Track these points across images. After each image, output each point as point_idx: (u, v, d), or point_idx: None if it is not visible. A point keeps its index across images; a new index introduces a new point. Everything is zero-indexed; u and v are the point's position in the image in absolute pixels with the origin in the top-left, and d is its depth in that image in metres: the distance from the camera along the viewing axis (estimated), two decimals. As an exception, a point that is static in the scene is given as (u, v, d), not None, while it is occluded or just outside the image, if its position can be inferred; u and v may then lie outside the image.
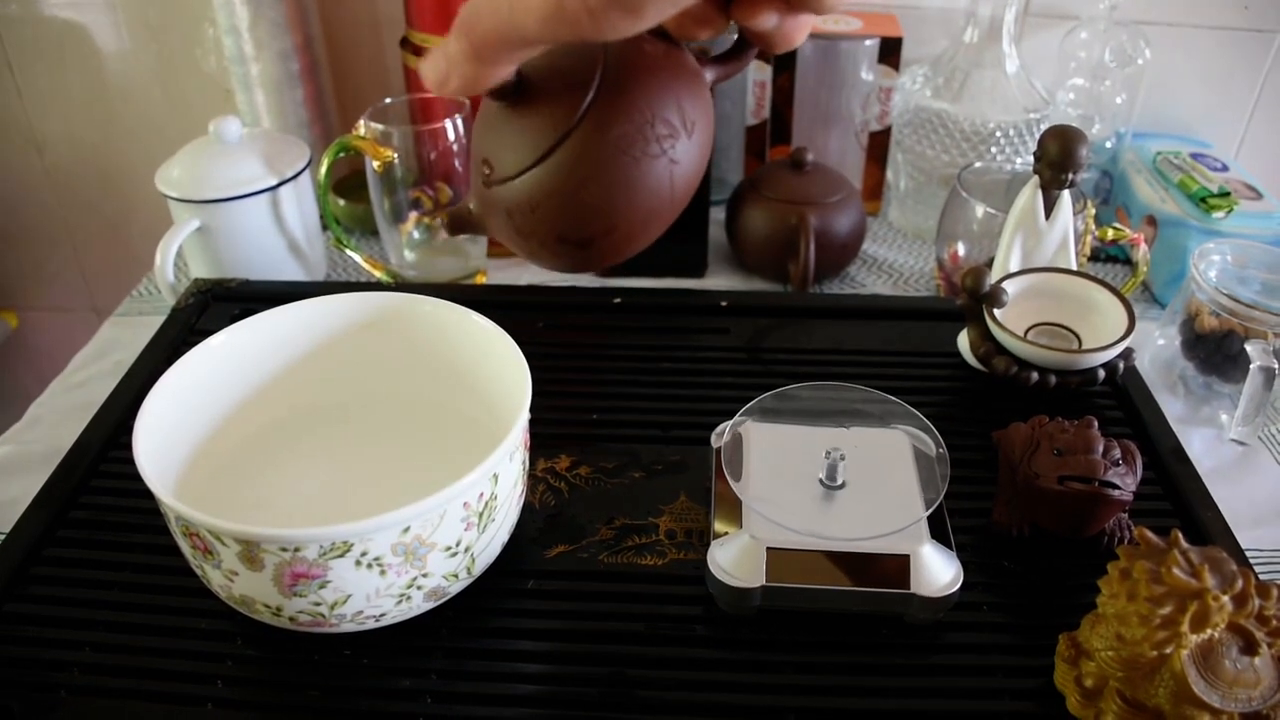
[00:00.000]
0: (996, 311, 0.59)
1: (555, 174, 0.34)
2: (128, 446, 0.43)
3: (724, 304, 0.68)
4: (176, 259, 0.72)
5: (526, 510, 0.49)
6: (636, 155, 0.34)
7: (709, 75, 0.37)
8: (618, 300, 0.68)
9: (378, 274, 0.79)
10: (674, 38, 0.35)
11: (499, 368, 0.49)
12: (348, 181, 0.90)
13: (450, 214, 0.39)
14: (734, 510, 0.47)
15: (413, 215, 0.77)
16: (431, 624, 0.45)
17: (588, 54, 0.34)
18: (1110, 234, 0.69)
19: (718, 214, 0.81)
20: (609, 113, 0.33)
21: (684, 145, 0.35)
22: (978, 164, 0.77)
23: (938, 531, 0.46)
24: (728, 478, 0.48)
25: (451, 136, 0.74)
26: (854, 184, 0.82)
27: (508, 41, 0.29)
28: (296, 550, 0.39)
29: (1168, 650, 0.37)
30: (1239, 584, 0.37)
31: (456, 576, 0.44)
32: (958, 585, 0.44)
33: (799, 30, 0.33)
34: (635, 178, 0.34)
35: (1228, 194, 0.76)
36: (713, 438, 0.53)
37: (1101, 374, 0.58)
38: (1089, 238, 0.67)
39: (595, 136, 0.33)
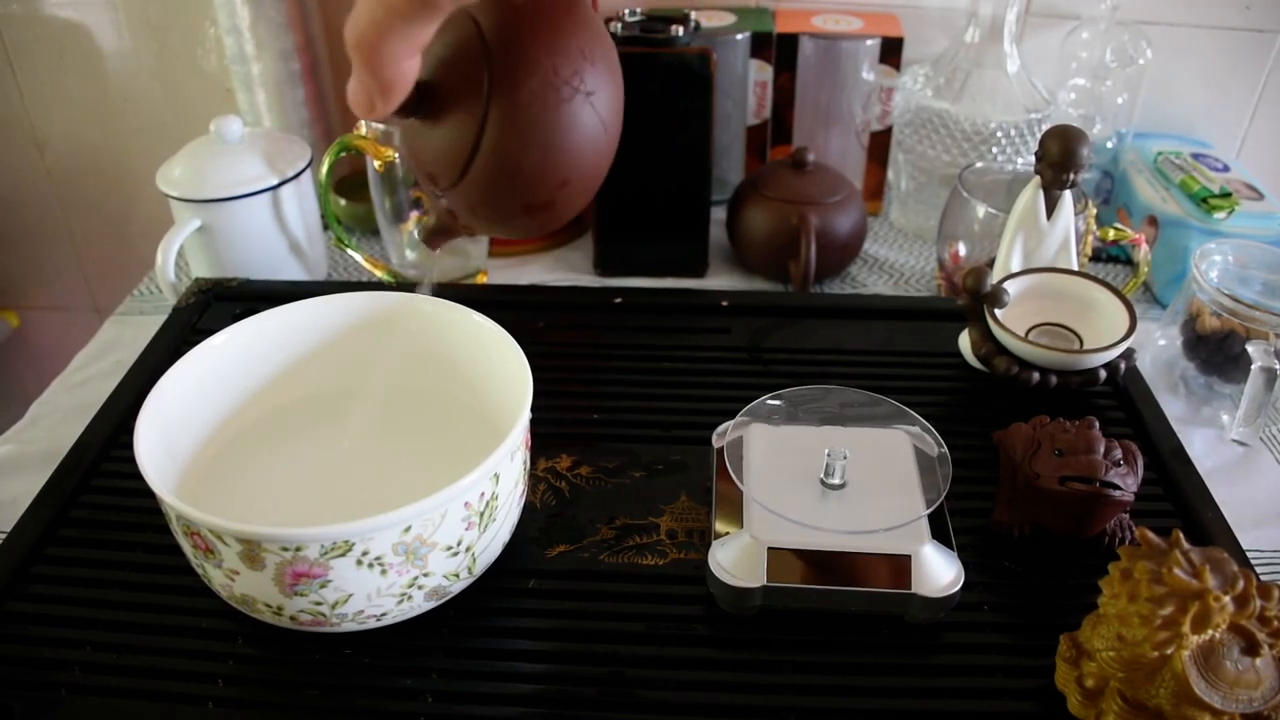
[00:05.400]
0: (997, 311, 0.59)
1: (493, 159, 0.35)
2: (129, 446, 0.43)
3: (725, 304, 0.68)
4: (177, 258, 0.72)
5: (527, 510, 0.49)
6: (553, 104, 0.34)
7: None
8: (618, 300, 0.68)
9: (379, 273, 0.79)
10: None
11: (500, 367, 0.49)
12: (349, 181, 0.90)
13: (425, 231, 0.41)
14: (735, 510, 0.47)
15: (414, 215, 0.77)
16: (432, 623, 0.45)
17: (464, 36, 0.35)
18: (1111, 234, 0.69)
19: (718, 214, 0.81)
20: (510, 80, 0.34)
21: (592, 75, 0.35)
22: (979, 164, 0.77)
23: (938, 531, 0.46)
24: (731, 474, 0.48)
25: (452, 136, 0.74)
26: (855, 184, 0.82)
27: (393, 35, 0.31)
28: (298, 550, 0.39)
29: (1169, 651, 0.37)
30: (1240, 584, 0.37)
31: (457, 576, 0.44)
32: (958, 585, 0.44)
33: None
34: (563, 125, 0.35)
35: (1229, 194, 0.76)
36: (714, 437, 0.53)
37: (1103, 374, 0.58)
38: (1090, 238, 0.67)
39: (509, 108, 0.34)
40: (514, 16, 0.34)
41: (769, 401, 0.53)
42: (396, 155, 0.73)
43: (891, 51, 0.84)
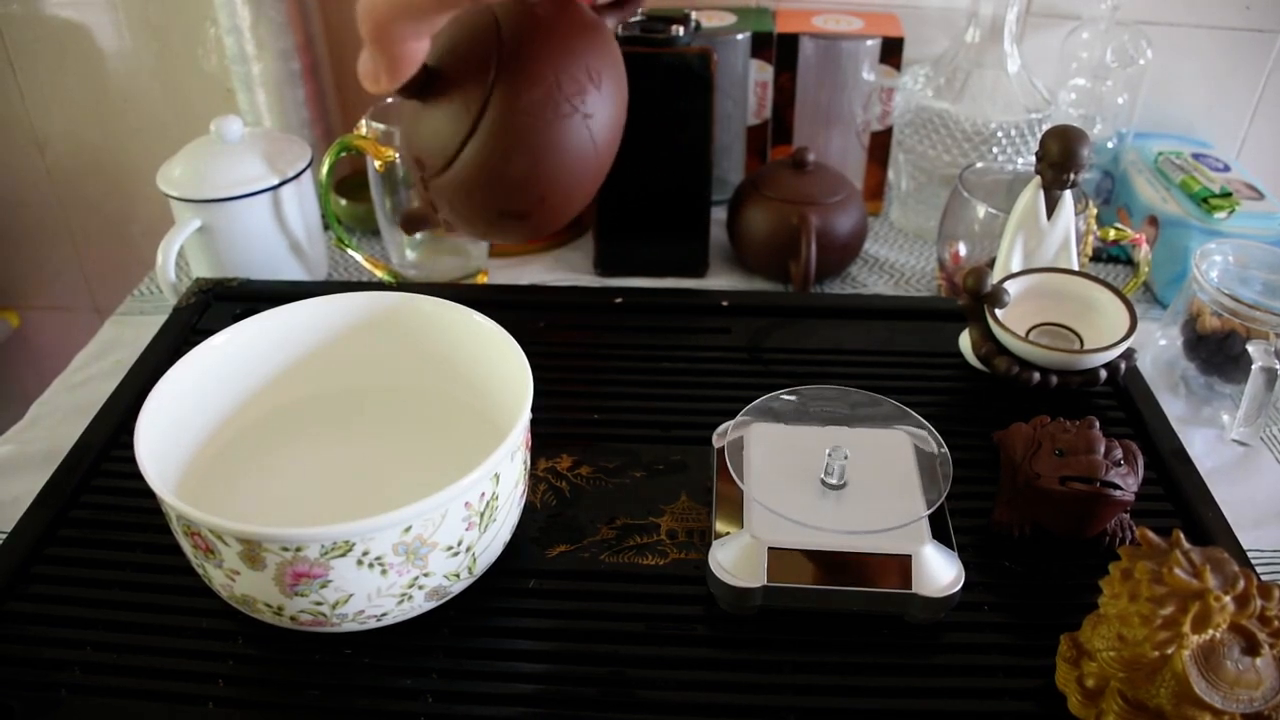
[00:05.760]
0: (998, 311, 0.59)
1: (479, 155, 0.35)
2: (129, 446, 0.43)
3: (725, 304, 0.68)
4: (178, 258, 0.72)
5: (527, 510, 0.49)
6: (550, 118, 0.34)
7: (608, 21, 0.38)
8: (619, 300, 0.68)
9: (379, 274, 0.79)
10: None
11: (500, 367, 0.49)
12: (349, 181, 0.90)
13: (404, 215, 0.41)
14: (735, 510, 0.47)
15: (414, 215, 0.77)
16: (432, 623, 0.45)
17: (482, 31, 0.35)
18: (1112, 234, 0.69)
19: (719, 214, 0.81)
20: (514, 84, 0.34)
21: (595, 98, 0.35)
22: (979, 164, 0.77)
23: (939, 531, 0.46)
24: (732, 474, 0.48)
25: (453, 136, 0.74)
26: (855, 184, 0.82)
27: (405, 18, 0.32)
28: (298, 550, 0.39)
29: (1169, 651, 0.37)
30: (1241, 584, 0.37)
31: (458, 576, 0.44)
32: (959, 585, 0.44)
33: None
34: (554, 140, 0.35)
35: (1229, 194, 0.76)
36: (714, 437, 0.53)
37: (1103, 374, 0.58)
38: (1090, 238, 0.67)
39: (506, 111, 0.34)
40: (532, 24, 0.35)
41: (769, 401, 0.53)
42: (397, 155, 0.73)
43: (892, 51, 0.84)
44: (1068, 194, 0.62)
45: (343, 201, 0.87)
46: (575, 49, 0.35)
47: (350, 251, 0.78)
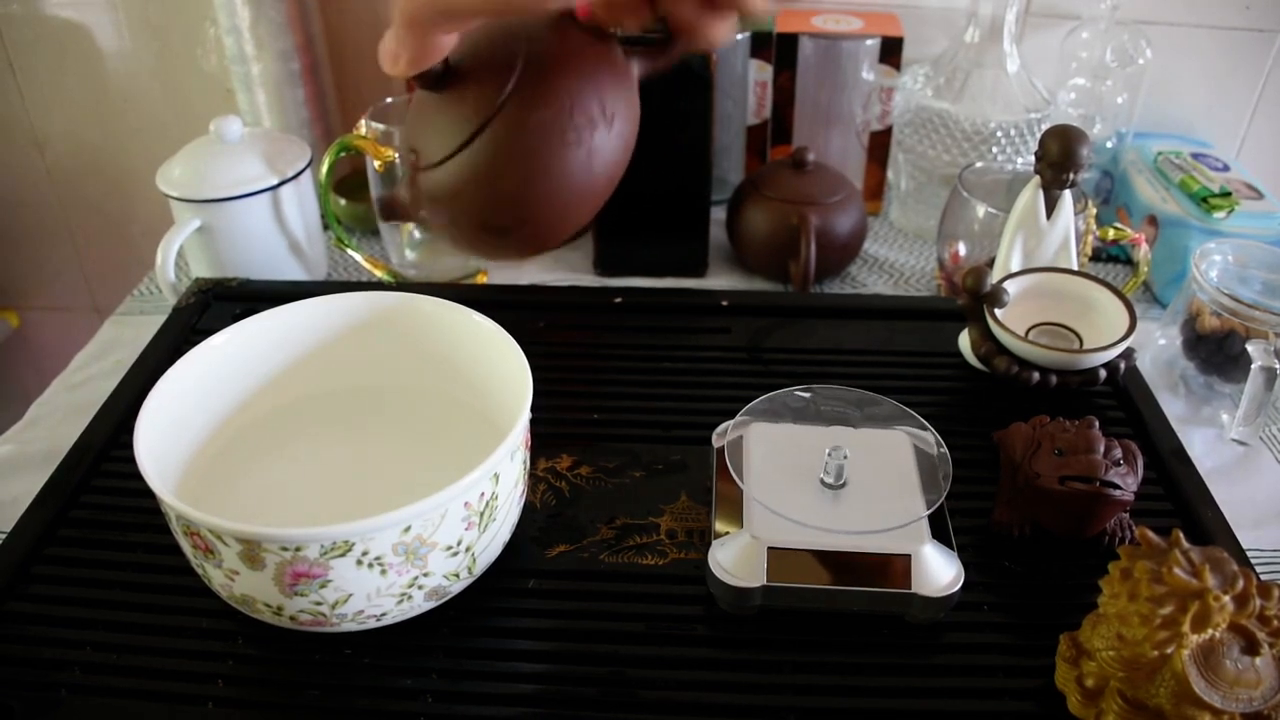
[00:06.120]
0: (997, 311, 0.59)
1: (474, 161, 0.35)
2: (129, 446, 0.43)
3: (725, 304, 0.68)
4: (177, 258, 0.72)
5: (527, 510, 0.49)
6: (554, 144, 0.34)
7: (636, 68, 0.38)
8: (618, 300, 0.68)
9: (379, 273, 0.79)
10: (602, 28, 0.36)
11: (500, 367, 0.49)
12: (349, 181, 0.90)
13: (381, 199, 0.40)
14: (735, 510, 0.47)
15: (413, 215, 0.77)
16: (432, 623, 0.45)
17: (511, 42, 0.35)
18: (1111, 234, 0.69)
19: (718, 214, 0.81)
20: (528, 100, 0.34)
21: (602, 136, 0.35)
22: (979, 164, 0.77)
23: (939, 531, 0.46)
24: (732, 473, 0.48)
25: (452, 136, 0.74)
26: (855, 184, 0.82)
27: (445, 16, 0.31)
28: (298, 550, 0.39)
29: (1169, 650, 0.37)
30: (1240, 584, 0.37)
31: (457, 576, 0.44)
32: (958, 585, 0.44)
33: (721, 29, 0.34)
34: (552, 166, 0.35)
35: (1229, 194, 0.76)
36: (714, 437, 0.53)
37: (1102, 374, 0.58)
38: (1090, 237, 0.67)
39: (514, 124, 0.34)
40: (561, 48, 0.35)
41: (769, 401, 0.53)
42: (396, 156, 0.73)
43: (891, 51, 0.84)
44: (1067, 194, 0.62)
45: (342, 201, 0.87)
46: (597, 83, 0.35)
47: (350, 251, 0.78)
